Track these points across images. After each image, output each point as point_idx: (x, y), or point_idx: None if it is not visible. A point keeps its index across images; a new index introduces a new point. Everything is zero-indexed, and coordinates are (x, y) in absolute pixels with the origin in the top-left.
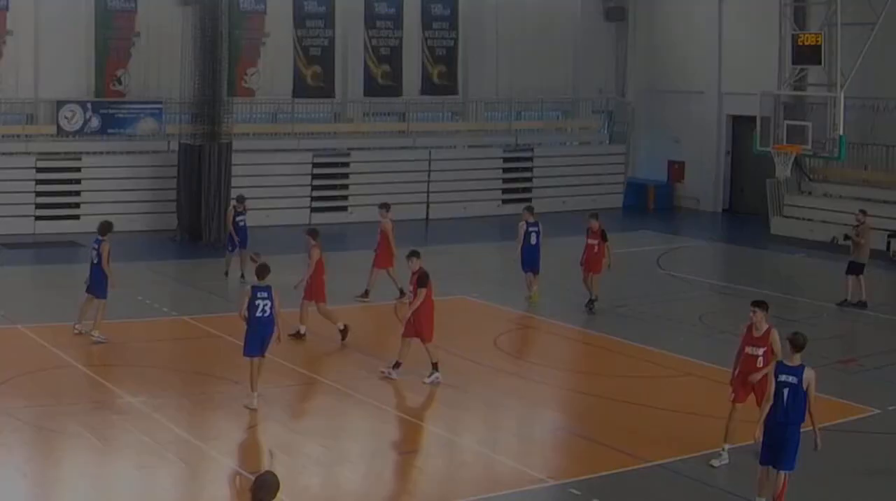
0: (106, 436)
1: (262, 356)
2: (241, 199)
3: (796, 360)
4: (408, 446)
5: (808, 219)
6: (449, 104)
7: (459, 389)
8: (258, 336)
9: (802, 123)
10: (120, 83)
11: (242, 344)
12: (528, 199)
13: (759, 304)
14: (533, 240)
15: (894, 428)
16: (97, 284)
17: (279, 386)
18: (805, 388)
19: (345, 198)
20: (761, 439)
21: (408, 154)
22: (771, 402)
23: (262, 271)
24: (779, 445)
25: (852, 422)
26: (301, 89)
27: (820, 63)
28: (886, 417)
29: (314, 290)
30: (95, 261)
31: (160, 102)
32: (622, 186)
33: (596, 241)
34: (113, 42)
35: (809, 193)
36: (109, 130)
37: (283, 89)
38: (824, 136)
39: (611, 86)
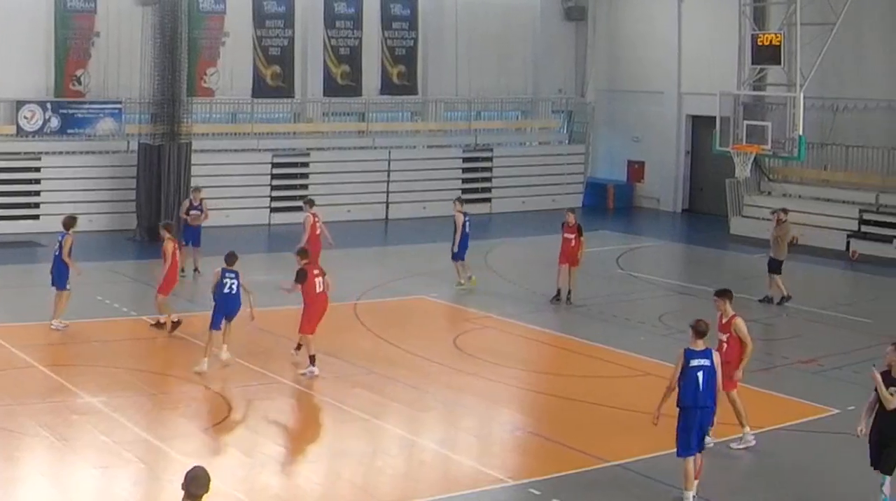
0: (65, 436)
1: (229, 322)
2: (196, 190)
3: (700, 345)
4: (367, 446)
5: (768, 219)
6: (408, 104)
7: (419, 389)
8: (223, 312)
9: (762, 123)
10: (79, 83)
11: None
12: (488, 200)
13: (720, 293)
14: (468, 229)
15: (853, 429)
16: (59, 276)
17: (239, 386)
18: (717, 369)
19: (304, 197)
20: (659, 421)
21: (367, 154)
22: (675, 390)
23: (231, 258)
24: (699, 428)
25: (812, 422)
26: (260, 89)
27: (779, 63)
28: (846, 417)
29: (163, 282)
30: (57, 254)
31: (119, 102)
32: (582, 186)
33: (573, 235)
34: (72, 42)
35: (769, 193)
36: (69, 130)
37: (243, 89)
38: (783, 136)
39: (570, 86)
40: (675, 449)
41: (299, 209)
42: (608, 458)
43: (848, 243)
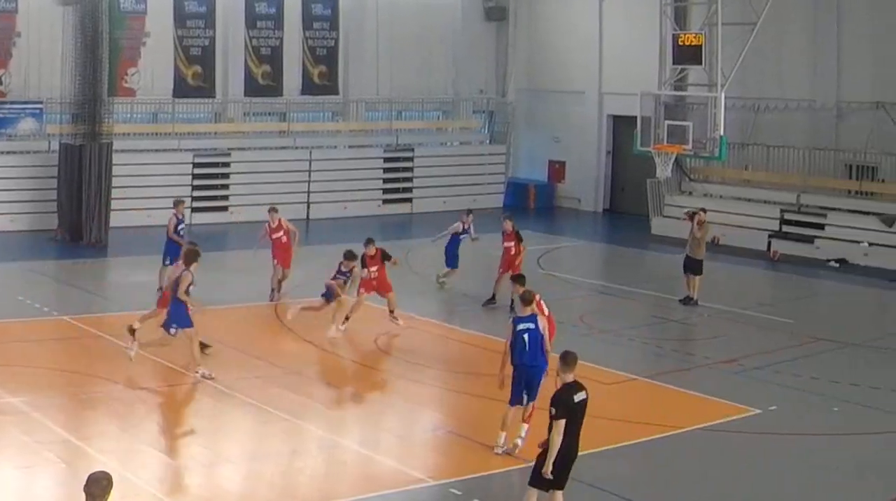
0: None
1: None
2: (179, 203)
3: (526, 312)
4: (288, 446)
5: (685, 219)
6: (329, 104)
7: (340, 390)
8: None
9: (683, 123)
10: (0, 83)
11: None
12: (409, 200)
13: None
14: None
15: (774, 428)
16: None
17: (160, 386)
18: (542, 332)
19: (225, 198)
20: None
21: (288, 154)
22: (509, 354)
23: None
24: (528, 383)
25: (733, 422)
26: (181, 89)
27: (700, 63)
28: (767, 417)
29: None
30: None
31: (41, 102)
32: (503, 186)
33: (511, 243)
34: None
35: (690, 193)
36: None
37: (164, 89)
38: (705, 136)
39: (491, 86)
40: (595, 449)
41: (220, 209)
42: (529, 458)
43: (769, 243)
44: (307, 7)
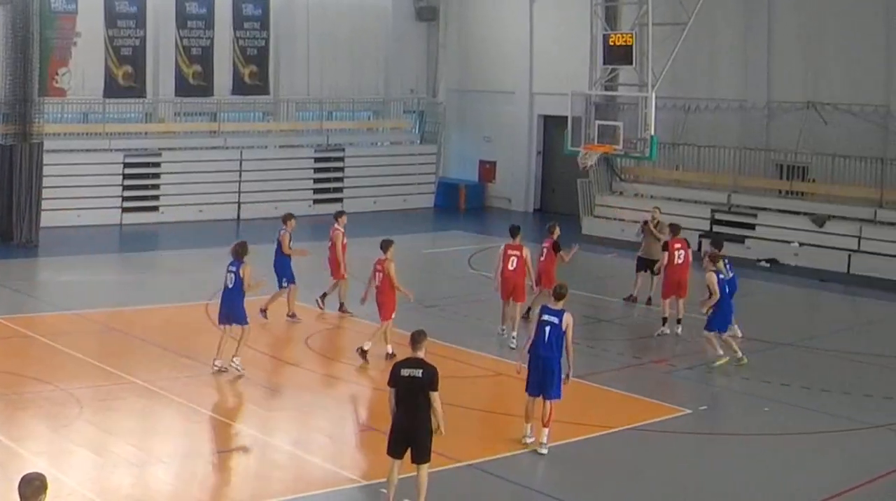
0: None
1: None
2: (291, 218)
3: (559, 306)
4: (220, 446)
5: (620, 219)
6: (260, 104)
7: (271, 389)
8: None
9: (613, 123)
10: None
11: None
12: (340, 200)
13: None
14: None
15: (705, 429)
16: (236, 311)
17: (91, 387)
18: (564, 329)
19: (156, 198)
20: (526, 372)
21: (219, 154)
22: (532, 338)
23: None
24: (544, 376)
25: (664, 422)
26: (112, 89)
27: (631, 63)
28: (697, 417)
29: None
30: (231, 286)
31: None
32: (433, 186)
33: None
34: None
35: (620, 193)
36: None
37: (95, 89)
38: (635, 136)
39: (422, 86)
40: (526, 449)
41: (151, 209)
42: (461, 458)
43: (700, 243)
44: (238, 7)
